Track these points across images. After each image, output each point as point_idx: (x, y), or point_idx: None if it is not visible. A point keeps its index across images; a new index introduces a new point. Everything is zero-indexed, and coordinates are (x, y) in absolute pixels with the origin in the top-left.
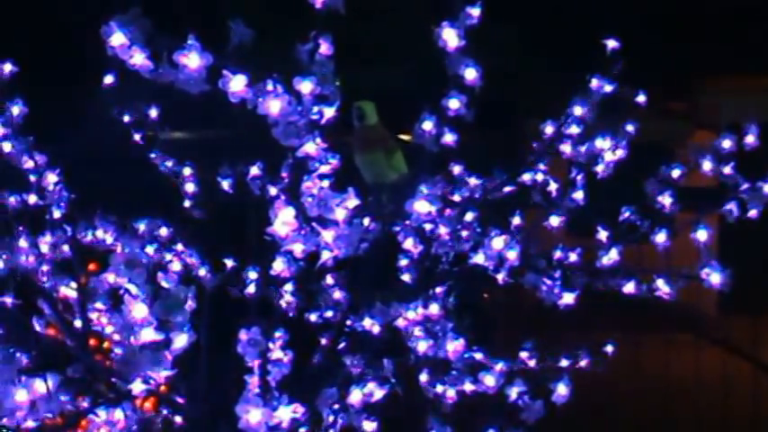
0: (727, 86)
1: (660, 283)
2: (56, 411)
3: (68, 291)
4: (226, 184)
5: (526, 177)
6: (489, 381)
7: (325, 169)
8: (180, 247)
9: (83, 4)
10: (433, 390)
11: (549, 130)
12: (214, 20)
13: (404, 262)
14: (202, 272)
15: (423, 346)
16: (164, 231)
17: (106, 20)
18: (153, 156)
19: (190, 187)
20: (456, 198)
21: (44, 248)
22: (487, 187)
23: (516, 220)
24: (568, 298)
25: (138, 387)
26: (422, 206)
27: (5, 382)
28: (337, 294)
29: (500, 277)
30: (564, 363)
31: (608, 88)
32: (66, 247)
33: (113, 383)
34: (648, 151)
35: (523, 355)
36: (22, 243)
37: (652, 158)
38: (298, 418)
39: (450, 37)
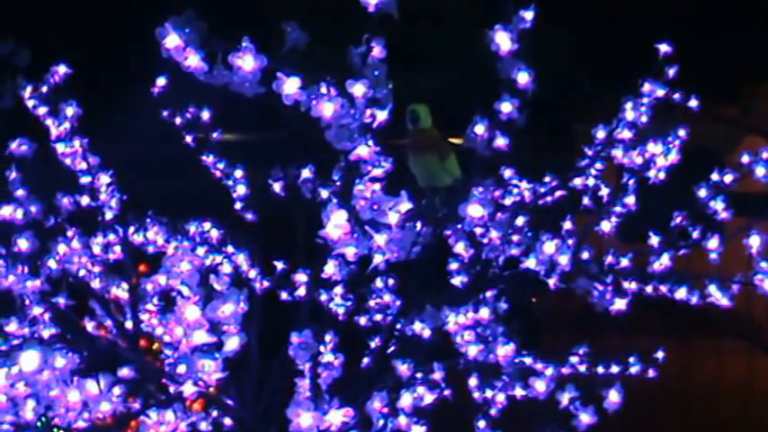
0: None
1: (712, 289)
2: (107, 412)
3: (120, 292)
4: (277, 187)
5: (577, 182)
6: (540, 386)
7: (377, 172)
8: (231, 249)
9: (137, 6)
10: (482, 394)
11: (600, 134)
12: (267, 22)
13: (454, 266)
14: (253, 274)
15: (473, 351)
16: (215, 233)
17: (161, 21)
18: (205, 158)
19: (241, 189)
20: (507, 202)
21: (96, 249)
22: (539, 191)
23: (567, 225)
24: (620, 303)
25: (189, 389)
26: (475, 210)
27: (58, 383)
28: (388, 298)
29: (551, 282)
30: (615, 369)
31: (660, 93)
32: (118, 249)
33: (164, 385)
34: (700, 157)
35: (574, 360)
36: (75, 244)
37: (704, 164)
38: (348, 422)
39: (504, 41)
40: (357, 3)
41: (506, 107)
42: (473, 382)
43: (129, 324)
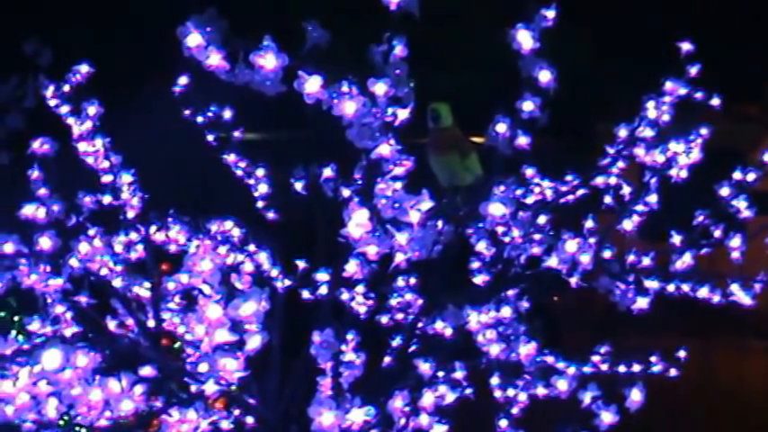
0: None
1: (735, 288)
2: (129, 411)
3: (142, 291)
4: (299, 186)
5: (599, 180)
6: (562, 385)
7: (399, 171)
8: (252, 248)
9: (160, 5)
10: (504, 393)
11: (622, 133)
12: (288, 21)
13: (476, 265)
14: (275, 273)
15: (495, 350)
16: (236, 232)
17: (183, 20)
18: (226, 157)
19: (263, 188)
20: (529, 201)
21: (118, 248)
22: (560, 190)
23: (589, 224)
24: (642, 302)
25: (210, 387)
26: (496, 209)
27: (80, 381)
28: (409, 297)
29: (573, 281)
30: (636, 368)
31: (682, 91)
32: (139, 247)
33: (186, 383)
34: (722, 155)
35: (596, 359)
36: (97, 243)
37: (726, 162)
38: (369, 421)
39: (525, 39)
40: (379, 2)
41: (528, 106)
42: (495, 380)
43: (150, 323)
